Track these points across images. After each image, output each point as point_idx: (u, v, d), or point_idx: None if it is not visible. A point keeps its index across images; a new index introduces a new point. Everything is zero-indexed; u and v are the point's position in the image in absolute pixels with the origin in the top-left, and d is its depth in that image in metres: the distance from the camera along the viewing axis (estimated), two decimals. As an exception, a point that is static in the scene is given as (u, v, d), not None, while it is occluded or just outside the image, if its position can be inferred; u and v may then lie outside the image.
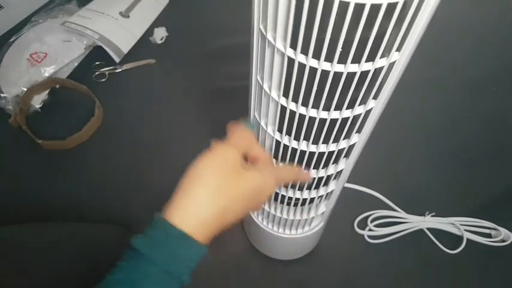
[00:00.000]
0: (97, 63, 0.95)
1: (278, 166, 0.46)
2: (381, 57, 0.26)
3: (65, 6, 1.01)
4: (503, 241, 0.72)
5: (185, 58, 0.99)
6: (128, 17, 1.00)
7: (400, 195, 0.77)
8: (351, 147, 0.40)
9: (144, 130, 0.87)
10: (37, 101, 0.88)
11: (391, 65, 0.28)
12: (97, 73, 0.94)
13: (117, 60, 0.95)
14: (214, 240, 0.77)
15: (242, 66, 0.95)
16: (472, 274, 0.71)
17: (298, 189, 0.49)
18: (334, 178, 0.47)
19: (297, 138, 0.38)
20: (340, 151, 0.40)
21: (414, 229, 0.73)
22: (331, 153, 0.40)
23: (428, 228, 0.73)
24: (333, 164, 0.43)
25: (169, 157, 0.82)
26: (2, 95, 0.85)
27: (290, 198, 0.51)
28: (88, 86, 0.89)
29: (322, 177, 0.45)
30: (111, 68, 0.95)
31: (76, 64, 0.95)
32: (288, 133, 0.38)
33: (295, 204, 0.52)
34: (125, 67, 0.95)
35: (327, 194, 0.51)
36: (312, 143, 0.38)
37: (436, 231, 0.73)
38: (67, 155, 0.82)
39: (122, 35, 0.97)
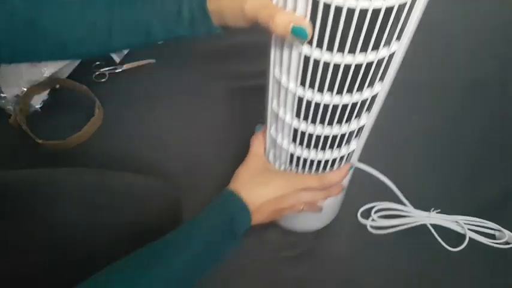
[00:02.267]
0: (97, 63, 0.95)
1: (303, 174, 0.53)
2: None
3: (65, 6, 1.00)
4: (507, 243, 0.72)
5: (185, 58, 0.99)
6: (128, 17, 1.00)
7: (408, 189, 0.76)
8: (373, 98, 0.41)
9: (144, 130, 0.87)
10: (37, 101, 0.88)
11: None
12: (97, 73, 0.94)
13: (117, 60, 0.95)
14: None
15: (243, 66, 0.96)
16: (472, 273, 0.71)
17: (321, 149, 0.48)
18: (356, 136, 0.47)
19: (320, 89, 0.38)
20: (363, 102, 0.40)
21: (417, 223, 0.73)
22: (354, 105, 0.40)
23: (431, 224, 0.73)
24: (355, 118, 0.43)
25: (170, 157, 0.82)
26: (2, 95, 0.85)
27: (312, 161, 0.50)
28: (88, 86, 0.88)
29: (344, 135, 0.45)
30: (111, 68, 0.95)
31: (76, 64, 0.95)
32: (311, 85, 0.38)
33: (317, 169, 0.52)
34: (125, 67, 0.95)
35: (348, 154, 0.50)
36: (336, 93, 0.38)
37: (439, 228, 0.73)
38: (67, 155, 0.82)
39: (122, 35, 0.97)
